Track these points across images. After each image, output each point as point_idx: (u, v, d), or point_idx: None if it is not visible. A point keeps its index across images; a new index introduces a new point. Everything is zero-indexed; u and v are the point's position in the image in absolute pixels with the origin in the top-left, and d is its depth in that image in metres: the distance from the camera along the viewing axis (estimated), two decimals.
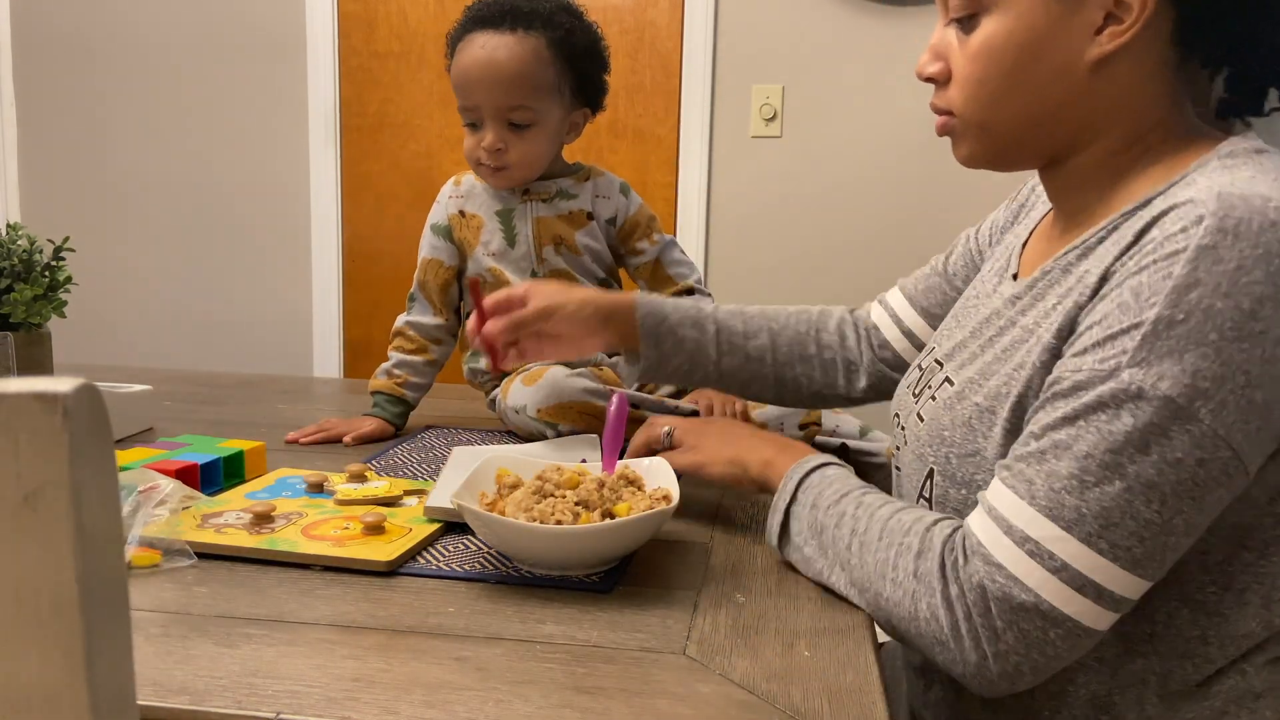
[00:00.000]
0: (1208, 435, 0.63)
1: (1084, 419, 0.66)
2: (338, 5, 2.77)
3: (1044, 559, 0.66)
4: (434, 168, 2.81)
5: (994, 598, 0.67)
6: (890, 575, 0.72)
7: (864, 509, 0.77)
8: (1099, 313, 0.68)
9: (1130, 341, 0.65)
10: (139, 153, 2.92)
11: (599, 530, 0.75)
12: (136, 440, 1.14)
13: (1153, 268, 0.65)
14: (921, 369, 0.91)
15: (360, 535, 0.81)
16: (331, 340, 2.90)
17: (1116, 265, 0.69)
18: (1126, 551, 0.65)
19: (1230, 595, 0.71)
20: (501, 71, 1.16)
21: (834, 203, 2.66)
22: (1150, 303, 0.64)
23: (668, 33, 2.67)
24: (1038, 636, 0.66)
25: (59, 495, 0.37)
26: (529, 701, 0.58)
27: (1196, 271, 0.63)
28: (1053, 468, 0.66)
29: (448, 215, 1.26)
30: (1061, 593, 0.65)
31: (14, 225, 1.20)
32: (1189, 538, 0.66)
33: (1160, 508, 0.64)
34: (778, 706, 0.59)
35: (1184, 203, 0.67)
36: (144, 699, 0.57)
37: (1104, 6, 0.72)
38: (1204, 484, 0.64)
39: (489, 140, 1.18)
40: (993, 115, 0.78)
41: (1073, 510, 0.65)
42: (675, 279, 1.27)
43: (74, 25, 2.89)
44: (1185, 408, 0.63)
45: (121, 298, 2.98)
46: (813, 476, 0.83)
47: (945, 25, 0.80)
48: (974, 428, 0.77)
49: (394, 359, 1.25)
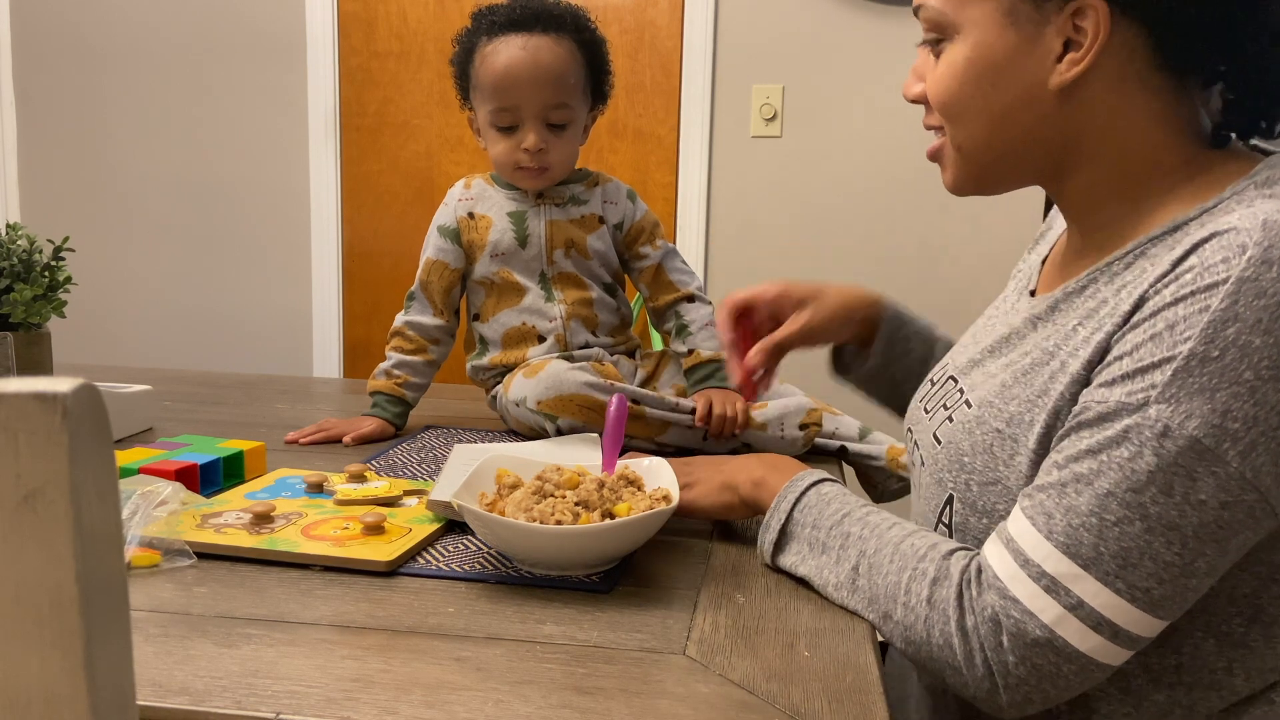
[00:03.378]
0: (1234, 478, 0.61)
1: (1107, 454, 0.64)
2: (338, 5, 2.77)
3: (1060, 595, 0.64)
4: (434, 168, 2.81)
5: (1008, 632, 0.66)
6: (903, 600, 0.71)
7: (870, 529, 0.76)
8: (1130, 342, 0.66)
9: (1161, 376, 0.62)
10: (139, 153, 2.92)
11: (599, 530, 0.75)
12: (136, 440, 1.14)
13: (1190, 299, 0.63)
14: (934, 383, 0.90)
15: (360, 535, 0.81)
16: (331, 340, 2.90)
17: (1150, 292, 0.66)
18: (1145, 593, 0.63)
19: (1258, 628, 0.69)
20: (546, 72, 1.17)
21: (834, 203, 2.66)
22: (1185, 336, 0.62)
23: (668, 33, 2.67)
24: (1050, 671, 0.65)
25: (59, 495, 0.37)
26: (529, 701, 0.58)
27: (1236, 305, 0.61)
28: (1072, 503, 0.65)
29: (456, 218, 1.25)
30: (1077, 630, 0.64)
31: (14, 225, 1.20)
32: (1211, 578, 0.65)
33: (1181, 550, 0.63)
34: (778, 706, 0.59)
35: (1226, 230, 0.64)
36: (144, 699, 0.57)
37: (1063, 34, 0.71)
38: (1228, 526, 0.62)
39: (531, 141, 1.18)
40: (966, 138, 0.78)
41: (1091, 548, 0.64)
42: (677, 285, 1.27)
43: (74, 25, 2.89)
44: (1212, 449, 0.61)
45: (121, 298, 2.98)
46: (809, 495, 0.81)
47: (927, 47, 0.80)
48: (995, 455, 0.75)
49: (393, 359, 1.24)
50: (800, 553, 0.79)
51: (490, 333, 1.24)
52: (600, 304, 1.25)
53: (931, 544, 0.72)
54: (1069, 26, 0.71)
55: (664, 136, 2.72)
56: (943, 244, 2.62)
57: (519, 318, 1.22)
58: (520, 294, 1.23)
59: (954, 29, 0.76)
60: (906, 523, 0.78)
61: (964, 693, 0.69)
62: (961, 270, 2.60)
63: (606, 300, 1.26)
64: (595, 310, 1.24)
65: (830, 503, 0.80)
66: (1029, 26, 0.73)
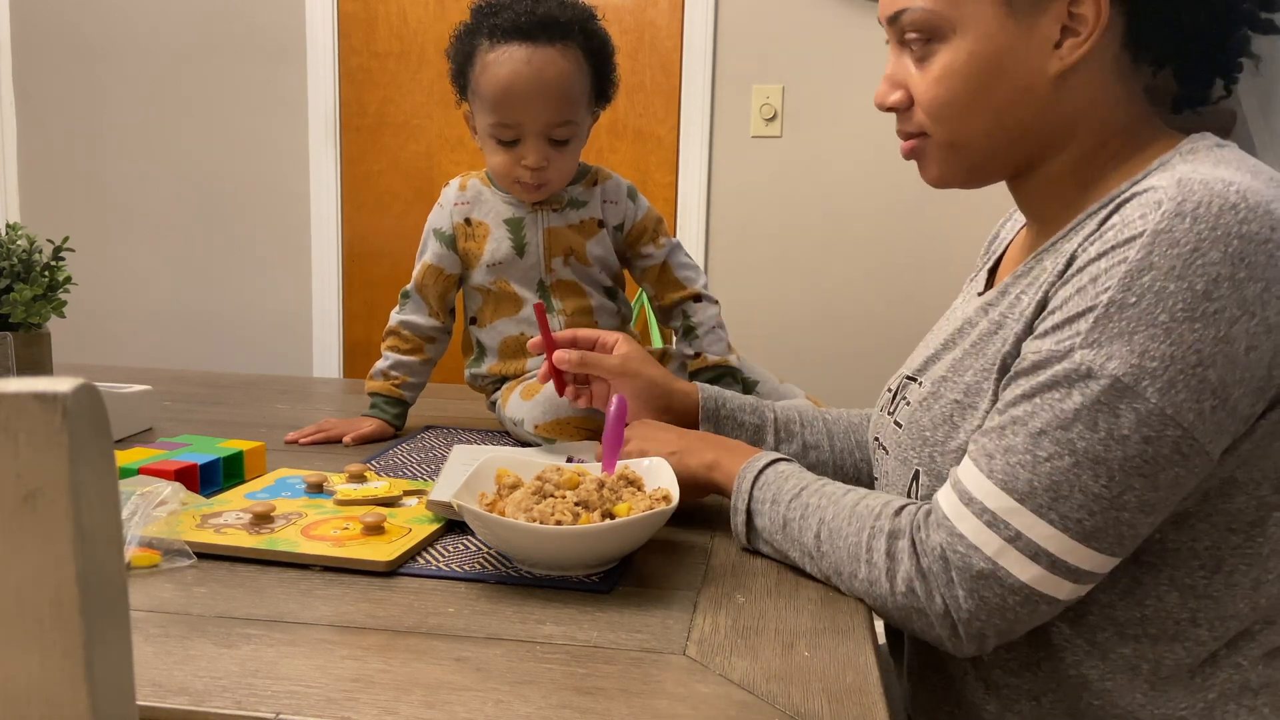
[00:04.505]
0: (1154, 413, 0.65)
1: (1039, 396, 0.69)
2: (338, 6, 2.77)
3: (1000, 529, 0.69)
4: (434, 168, 2.81)
5: (955, 567, 0.70)
6: (865, 557, 0.75)
7: (827, 499, 0.80)
8: (1060, 297, 0.71)
9: (1084, 324, 0.68)
10: (139, 153, 2.92)
11: (599, 530, 0.75)
12: (136, 440, 1.14)
13: (1111, 253, 0.68)
14: (892, 390, 0.93)
15: (360, 535, 0.81)
16: (331, 340, 2.90)
17: (1079, 250, 0.71)
18: (1077, 523, 0.67)
19: (1219, 578, 0.72)
20: (551, 90, 1.12)
21: (834, 203, 2.66)
22: (1105, 286, 0.67)
23: (668, 33, 2.67)
24: (997, 603, 0.69)
25: (59, 495, 0.37)
26: (529, 702, 0.58)
27: (1150, 255, 0.66)
28: (1009, 442, 0.70)
29: (453, 223, 1.22)
30: (1017, 560, 0.68)
31: (14, 225, 1.20)
32: (1147, 515, 0.68)
33: (1109, 482, 0.67)
34: (778, 707, 0.59)
35: (1146, 190, 0.69)
36: (144, 699, 0.57)
37: (1059, 19, 0.74)
38: (1154, 461, 0.66)
39: (532, 159, 1.14)
40: (962, 135, 0.79)
41: (1025, 483, 0.68)
42: (683, 283, 1.24)
43: (74, 25, 2.89)
44: (1131, 387, 0.65)
45: (121, 298, 2.98)
46: (767, 473, 0.85)
47: (899, 54, 0.81)
48: (955, 423, 0.78)
49: (390, 359, 1.23)
50: (766, 529, 0.83)
51: (488, 339, 1.23)
52: (600, 310, 1.23)
53: (885, 501, 0.77)
54: (1065, 12, 0.74)
55: (664, 136, 2.72)
56: (942, 244, 2.62)
57: (517, 328, 1.20)
58: (518, 304, 1.20)
59: (949, 28, 0.76)
60: (859, 489, 0.81)
61: (928, 636, 0.73)
62: (960, 270, 2.60)
63: (606, 305, 1.24)
64: (595, 317, 1.22)
65: (788, 479, 0.83)
66: (1027, 16, 0.75)
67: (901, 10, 0.78)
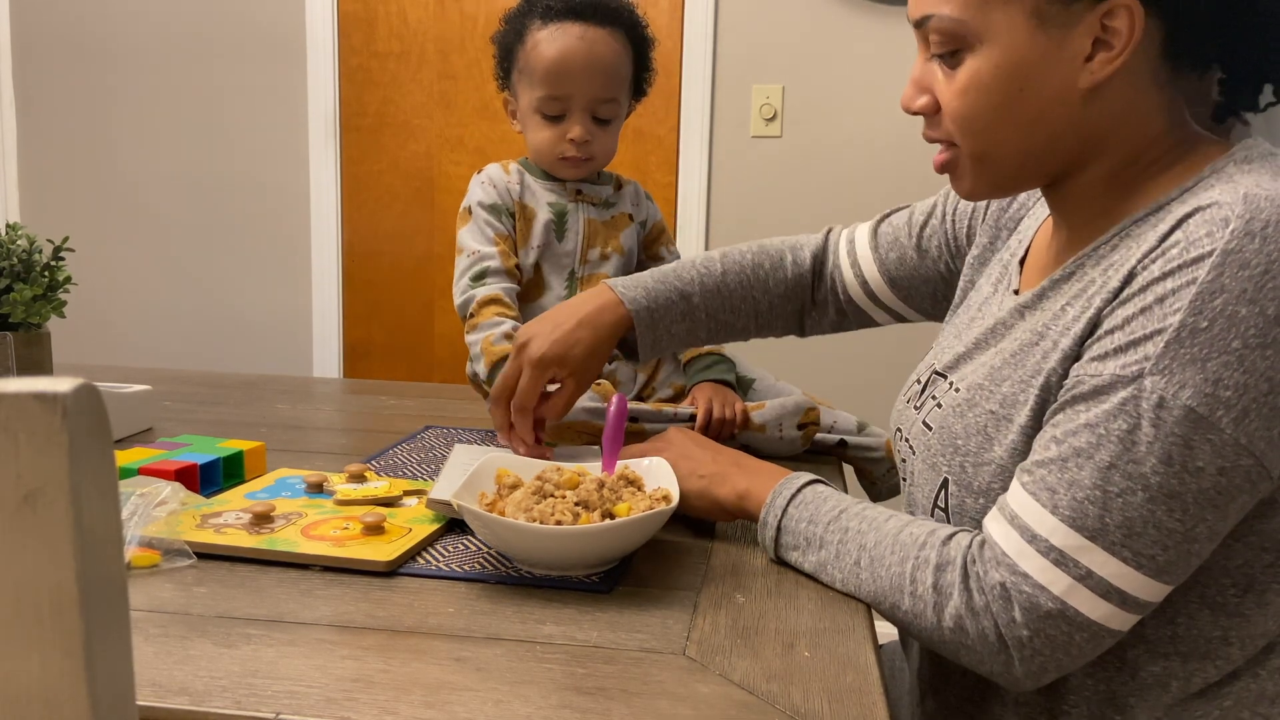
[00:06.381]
0: (1229, 444, 0.63)
1: (1105, 426, 0.66)
2: (338, 5, 2.77)
3: (1069, 567, 0.66)
4: (434, 168, 2.81)
5: (1020, 606, 0.67)
6: (909, 589, 0.72)
7: (868, 524, 0.77)
8: (1120, 316, 0.68)
9: (1153, 348, 0.65)
10: (139, 153, 2.92)
11: (599, 530, 0.75)
12: (136, 440, 1.14)
13: (1178, 273, 0.65)
14: (920, 381, 0.91)
15: (360, 535, 0.81)
16: (331, 340, 2.89)
17: (1139, 267, 0.68)
18: (1150, 560, 0.65)
19: (1251, 596, 0.71)
20: (602, 64, 1.18)
21: (834, 203, 2.66)
22: (1175, 308, 0.64)
23: (668, 33, 2.67)
24: (1063, 640, 0.67)
25: (59, 495, 0.37)
26: (529, 702, 0.58)
27: (1222, 277, 0.63)
28: (1075, 477, 0.67)
29: (513, 201, 1.22)
30: (1088, 600, 0.66)
31: (14, 225, 1.20)
32: (1213, 543, 0.67)
33: (1183, 516, 0.65)
34: (778, 707, 0.59)
35: (1209, 205, 0.66)
36: (144, 699, 0.57)
37: (1092, 33, 0.71)
38: (1226, 492, 0.64)
39: (578, 132, 1.19)
40: (989, 147, 0.76)
41: (1096, 520, 0.66)
42: None
43: (74, 25, 2.89)
44: (1206, 417, 0.63)
45: (121, 298, 2.98)
46: (805, 493, 0.82)
47: (926, 60, 0.78)
48: (989, 435, 0.76)
49: (505, 323, 1.15)
50: (799, 548, 0.80)
51: None
52: None
53: (929, 530, 0.74)
54: (1098, 25, 0.71)
55: (664, 136, 2.72)
56: None
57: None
58: (541, 290, 1.22)
59: (976, 39, 0.73)
60: (901, 514, 0.78)
61: (980, 669, 0.71)
62: None
63: None
64: None
65: (826, 500, 0.81)
66: (1057, 29, 0.71)
67: (928, 16, 0.75)
